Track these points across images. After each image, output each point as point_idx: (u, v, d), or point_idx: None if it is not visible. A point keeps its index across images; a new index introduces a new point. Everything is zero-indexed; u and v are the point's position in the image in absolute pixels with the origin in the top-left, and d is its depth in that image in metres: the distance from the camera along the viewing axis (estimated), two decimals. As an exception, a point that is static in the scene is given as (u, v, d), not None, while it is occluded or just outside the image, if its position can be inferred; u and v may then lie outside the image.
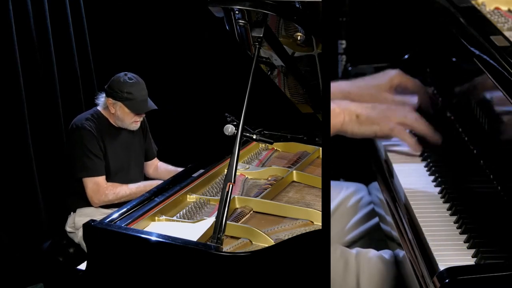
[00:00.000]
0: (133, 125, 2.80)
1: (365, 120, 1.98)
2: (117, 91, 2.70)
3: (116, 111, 2.74)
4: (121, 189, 2.70)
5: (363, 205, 2.27)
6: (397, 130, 2.00)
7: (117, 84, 2.72)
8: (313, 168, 2.76)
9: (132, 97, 2.70)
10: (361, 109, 1.99)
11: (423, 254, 1.62)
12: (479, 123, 1.86)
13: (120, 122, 2.78)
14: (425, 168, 1.99)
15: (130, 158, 2.85)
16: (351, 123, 1.97)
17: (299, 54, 2.44)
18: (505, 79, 1.68)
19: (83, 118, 2.76)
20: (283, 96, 2.82)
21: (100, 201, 2.69)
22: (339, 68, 2.73)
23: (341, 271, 1.88)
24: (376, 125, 1.99)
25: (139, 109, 2.75)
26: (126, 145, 2.84)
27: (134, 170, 2.88)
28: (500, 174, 1.73)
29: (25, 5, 3.01)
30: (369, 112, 2.00)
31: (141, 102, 2.73)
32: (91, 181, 2.68)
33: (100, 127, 2.75)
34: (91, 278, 2.10)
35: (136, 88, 2.72)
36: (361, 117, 1.98)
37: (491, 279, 1.44)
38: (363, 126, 1.98)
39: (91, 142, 2.69)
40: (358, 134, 2.00)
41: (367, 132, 2.00)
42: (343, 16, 2.79)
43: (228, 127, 2.16)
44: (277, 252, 1.97)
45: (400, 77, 2.22)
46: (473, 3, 2.18)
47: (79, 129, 2.70)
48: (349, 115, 1.97)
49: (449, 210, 1.76)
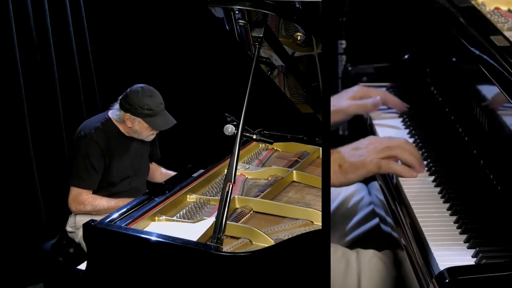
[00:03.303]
0: (149, 137, 2.76)
1: (349, 167, 1.86)
2: (137, 108, 2.62)
3: (134, 125, 2.68)
4: (100, 202, 2.66)
5: (363, 206, 2.27)
6: (385, 166, 1.87)
7: (136, 99, 2.63)
8: (313, 168, 2.76)
9: (152, 113, 2.64)
10: (341, 157, 1.88)
11: (423, 254, 1.62)
12: (479, 123, 1.86)
13: (137, 135, 2.72)
14: (425, 168, 1.99)
15: (136, 167, 2.81)
16: (335, 176, 1.86)
17: (299, 54, 2.45)
18: (505, 79, 1.68)
19: (93, 126, 2.69)
20: (283, 96, 2.82)
21: (77, 210, 2.67)
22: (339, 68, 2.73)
23: (342, 271, 1.88)
24: (362, 168, 1.87)
25: (160, 125, 2.69)
26: (133, 154, 2.79)
27: (138, 179, 2.84)
28: (500, 174, 1.73)
29: (25, 5, 3.01)
30: (350, 157, 1.88)
31: (160, 117, 2.67)
32: (76, 190, 2.66)
33: (109, 137, 2.70)
34: (91, 278, 2.10)
35: (155, 102, 2.65)
36: (344, 166, 1.86)
37: (491, 279, 1.44)
38: (349, 175, 1.87)
39: (95, 156, 2.64)
40: (347, 183, 1.90)
41: (356, 179, 1.89)
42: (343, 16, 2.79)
43: (228, 127, 2.16)
44: (277, 252, 1.97)
45: (363, 90, 2.25)
46: (473, 3, 2.18)
47: (87, 139, 2.65)
48: (332, 168, 1.85)
49: (449, 210, 1.76)
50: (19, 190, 3.10)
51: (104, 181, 2.71)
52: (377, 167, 1.87)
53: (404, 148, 1.90)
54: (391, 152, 1.89)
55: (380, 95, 2.24)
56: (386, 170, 1.90)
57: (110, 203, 2.66)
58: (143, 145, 2.84)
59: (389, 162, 1.88)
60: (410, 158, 1.90)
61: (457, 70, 2.10)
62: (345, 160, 1.87)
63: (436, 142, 2.06)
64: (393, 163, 1.89)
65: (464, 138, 2.00)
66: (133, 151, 2.79)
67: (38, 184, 3.14)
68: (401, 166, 1.90)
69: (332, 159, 1.86)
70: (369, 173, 1.88)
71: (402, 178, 1.91)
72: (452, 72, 2.15)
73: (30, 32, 3.05)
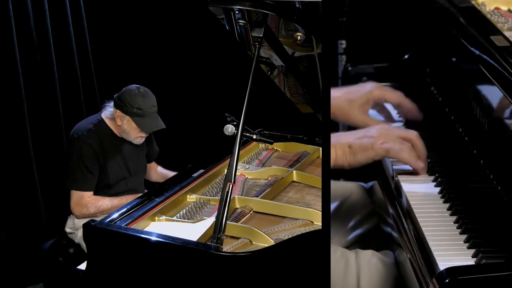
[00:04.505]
0: (137, 140, 2.73)
1: (359, 148, 1.87)
2: (127, 105, 2.62)
3: (123, 124, 2.67)
4: (103, 203, 2.65)
5: (363, 206, 2.27)
6: (393, 151, 1.88)
7: (129, 97, 2.63)
8: (313, 168, 2.76)
9: (141, 113, 2.62)
10: (353, 138, 1.89)
11: (423, 254, 1.62)
12: (479, 123, 1.86)
13: (125, 135, 2.71)
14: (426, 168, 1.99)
15: (131, 168, 2.80)
16: (345, 156, 1.86)
17: (299, 54, 2.45)
18: (505, 79, 1.68)
19: (85, 128, 2.68)
20: (283, 96, 2.82)
21: (81, 214, 2.65)
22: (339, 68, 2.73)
23: (342, 272, 1.88)
24: (371, 150, 1.87)
25: (147, 126, 2.67)
26: (128, 155, 2.78)
27: (134, 179, 2.83)
28: (500, 174, 1.73)
29: (25, 5, 3.01)
30: (362, 138, 1.89)
31: (150, 119, 2.65)
32: (77, 194, 2.65)
33: (102, 139, 2.68)
34: (91, 278, 2.10)
35: (147, 104, 2.64)
36: (353, 146, 1.87)
37: (491, 279, 1.44)
38: (358, 156, 1.87)
39: (88, 158, 2.63)
40: (355, 164, 1.89)
41: (364, 160, 1.89)
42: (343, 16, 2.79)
43: (228, 127, 2.16)
44: (277, 252, 1.97)
45: (379, 91, 2.14)
46: (473, 3, 2.18)
47: (80, 142, 2.64)
48: (342, 148, 1.86)
49: (449, 210, 1.76)
50: (19, 190, 3.10)
51: (100, 183, 2.70)
52: (385, 151, 1.88)
53: (416, 142, 1.91)
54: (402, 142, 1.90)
55: (397, 99, 2.16)
56: (394, 155, 1.90)
57: (113, 202, 2.65)
58: (138, 147, 2.82)
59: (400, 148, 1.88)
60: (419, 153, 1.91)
61: (457, 70, 2.10)
62: (356, 141, 1.87)
63: (436, 142, 2.06)
64: (402, 150, 1.89)
65: (464, 138, 2.00)
66: (128, 152, 2.78)
67: (38, 184, 3.14)
68: (409, 155, 1.90)
69: (343, 140, 1.87)
70: (377, 155, 1.89)
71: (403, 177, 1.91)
72: (452, 72, 2.14)
73: (30, 32, 3.05)
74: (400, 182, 1.90)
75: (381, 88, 2.16)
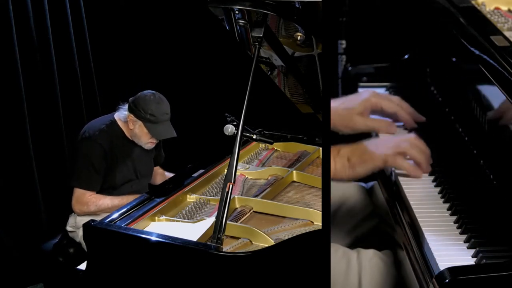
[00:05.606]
0: (148, 145, 2.74)
1: (357, 160, 1.85)
2: (140, 110, 2.62)
3: (135, 128, 2.67)
4: (104, 202, 2.65)
5: (363, 206, 2.27)
6: (391, 160, 1.88)
7: (143, 102, 2.63)
8: (313, 168, 2.76)
9: (154, 119, 2.63)
10: (351, 150, 1.86)
11: (423, 254, 1.62)
12: (479, 123, 1.86)
13: (136, 139, 2.72)
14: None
15: (139, 171, 2.80)
16: (343, 169, 1.84)
17: (299, 54, 2.45)
18: (505, 79, 1.68)
19: (97, 128, 2.68)
20: (283, 96, 2.82)
21: (81, 211, 2.65)
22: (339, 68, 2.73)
23: (343, 271, 1.88)
24: (370, 161, 1.86)
25: (158, 133, 2.68)
26: (137, 158, 2.78)
27: (140, 182, 2.83)
28: (500, 174, 1.73)
29: (25, 5, 3.01)
30: (360, 150, 1.87)
31: (162, 126, 2.66)
32: (78, 191, 2.64)
33: (113, 140, 2.69)
34: (91, 278, 2.10)
35: (160, 110, 2.64)
36: (352, 159, 1.85)
37: (491, 279, 1.44)
38: (357, 168, 1.85)
39: (97, 158, 2.63)
40: (354, 177, 1.88)
41: (363, 173, 1.87)
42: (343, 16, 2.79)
43: (228, 127, 2.16)
44: (277, 252, 1.97)
45: (376, 99, 2.09)
46: (473, 3, 2.18)
47: (91, 141, 2.64)
48: (340, 161, 1.84)
49: (449, 210, 1.76)
50: (19, 190, 3.11)
51: (106, 184, 2.70)
52: (384, 161, 1.86)
53: (413, 144, 1.90)
54: (400, 148, 1.88)
55: (393, 106, 2.11)
56: (392, 164, 1.89)
57: (114, 201, 2.65)
58: (147, 151, 2.83)
59: (396, 157, 1.87)
60: (419, 154, 1.90)
61: (457, 70, 2.09)
62: (354, 154, 1.86)
63: (436, 142, 2.06)
64: (400, 159, 1.88)
65: (464, 138, 2.00)
66: (137, 155, 2.78)
67: (38, 184, 3.14)
68: (407, 164, 1.89)
69: (342, 153, 1.85)
70: (376, 167, 1.88)
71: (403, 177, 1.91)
72: (452, 72, 2.14)
73: (30, 32, 3.06)
74: (400, 182, 1.90)
75: (378, 96, 2.12)
